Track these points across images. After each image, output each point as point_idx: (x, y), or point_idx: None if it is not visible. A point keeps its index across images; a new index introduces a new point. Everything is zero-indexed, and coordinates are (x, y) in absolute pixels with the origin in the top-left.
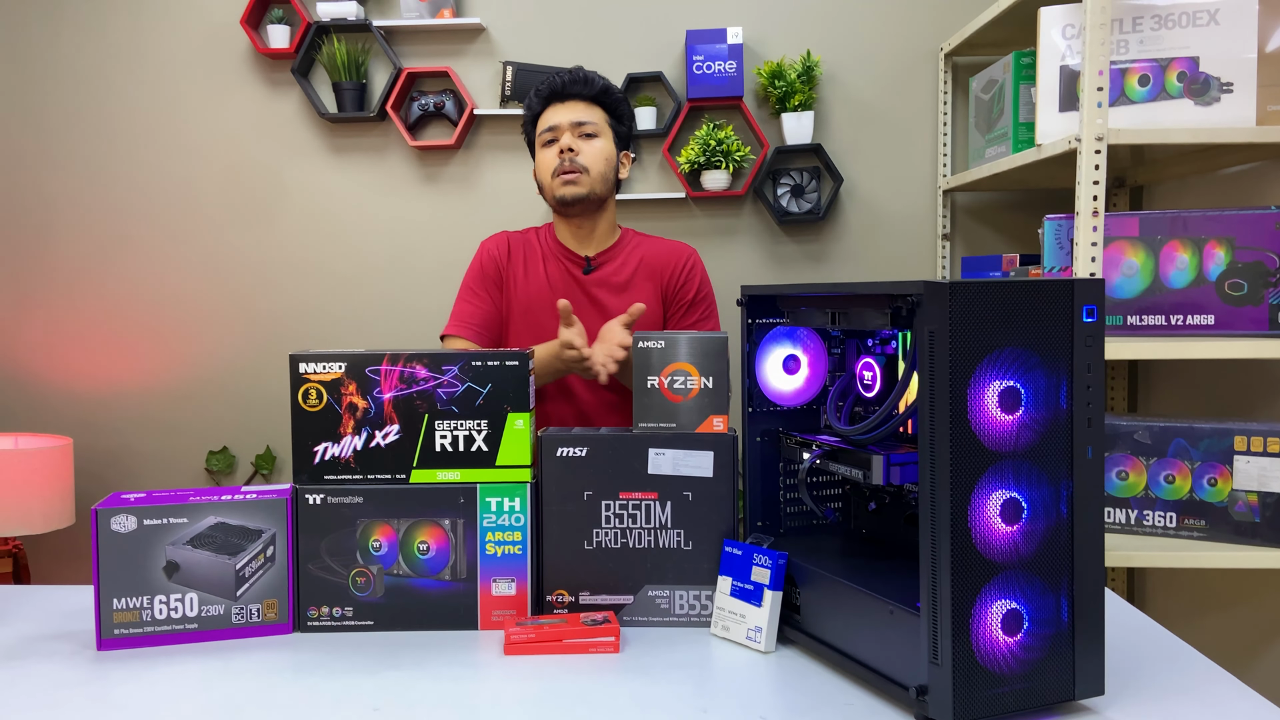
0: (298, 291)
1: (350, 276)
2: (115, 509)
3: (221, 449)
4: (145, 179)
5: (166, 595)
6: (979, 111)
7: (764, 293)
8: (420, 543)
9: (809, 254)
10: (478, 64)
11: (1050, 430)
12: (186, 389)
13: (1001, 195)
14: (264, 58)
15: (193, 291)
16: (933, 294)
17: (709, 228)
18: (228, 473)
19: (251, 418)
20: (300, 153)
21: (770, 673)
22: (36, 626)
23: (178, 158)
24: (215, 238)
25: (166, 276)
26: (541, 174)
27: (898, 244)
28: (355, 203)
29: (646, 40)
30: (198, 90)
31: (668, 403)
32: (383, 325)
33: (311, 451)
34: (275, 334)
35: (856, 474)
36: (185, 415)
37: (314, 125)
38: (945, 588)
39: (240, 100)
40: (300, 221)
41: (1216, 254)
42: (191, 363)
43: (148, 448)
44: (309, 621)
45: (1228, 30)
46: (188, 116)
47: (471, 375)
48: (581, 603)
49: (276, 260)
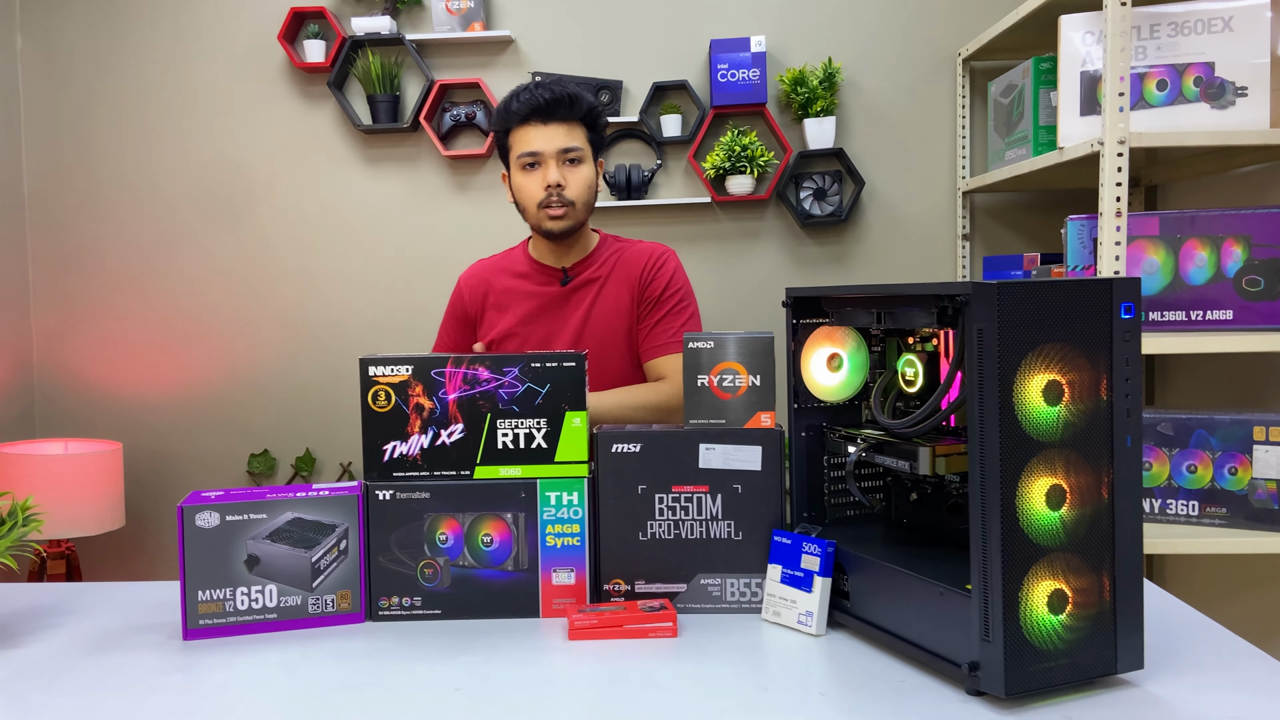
0: (334, 299)
1: (385, 284)
2: (199, 506)
3: (262, 452)
4: (187, 191)
5: (248, 587)
6: (998, 115)
7: (808, 294)
8: (484, 535)
9: (832, 255)
10: (507, 75)
11: (1091, 420)
12: (228, 394)
13: (1020, 196)
14: (300, 72)
15: (234, 299)
16: (981, 294)
17: (734, 231)
18: (268, 475)
19: (291, 421)
20: (336, 164)
21: (823, 654)
22: (124, 619)
23: (218, 170)
24: (255, 247)
25: (208, 285)
26: (523, 199)
27: (918, 245)
28: (389, 212)
29: (671, 49)
30: (237, 104)
31: (717, 400)
32: (417, 330)
33: (381, 450)
34: (313, 341)
35: (903, 465)
36: (228, 419)
37: (349, 137)
38: (996, 569)
39: (278, 113)
40: (336, 231)
41: (1234, 251)
42: (232, 369)
43: (191, 451)
44: (380, 611)
45: (1242, 36)
46: (227, 130)
47: (531, 376)
48: (637, 591)
49: (314, 269)
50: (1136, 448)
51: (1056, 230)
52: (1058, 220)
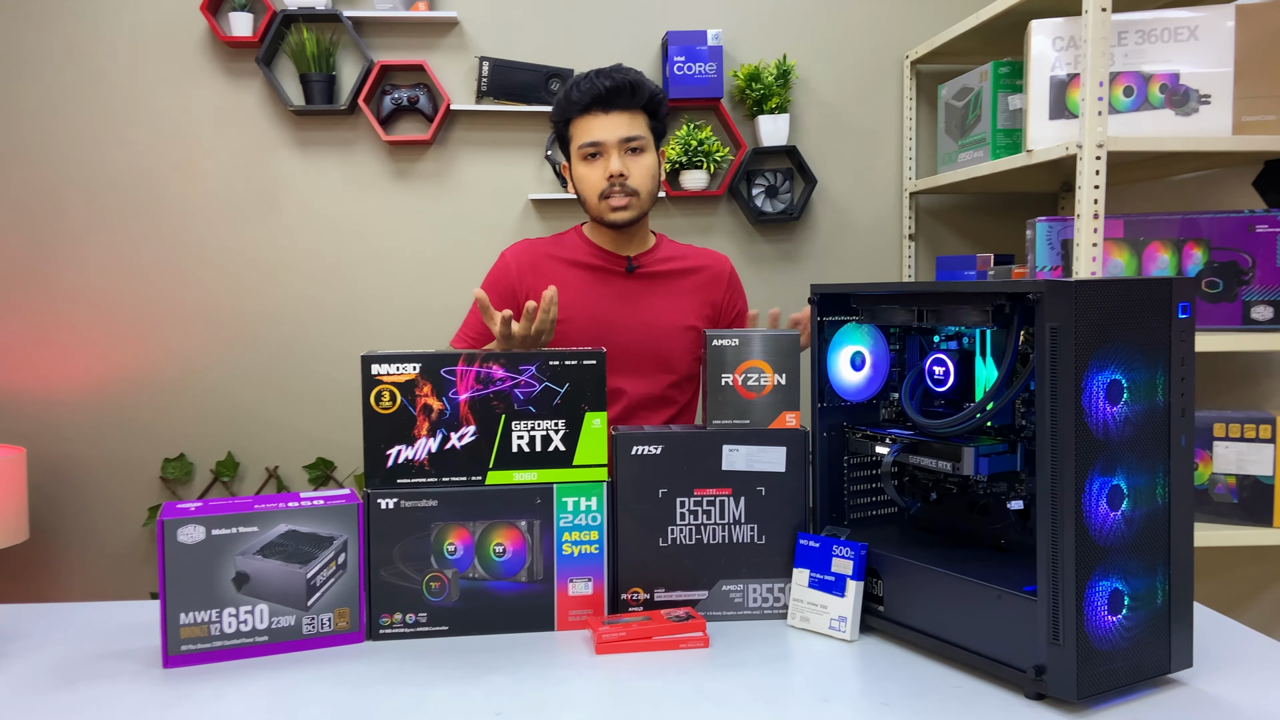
0: (259, 291)
1: (318, 275)
2: (182, 519)
3: (179, 456)
4: (94, 173)
5: (236, 607)
6: (950, 118)
7: (836, 291)
8: (496, 545)
9: (782, 253)
10: (452, 58)
11: (1148, 420)
12: (141, 394)
13: (963, 198)
14: (225, 46)
15: (148, 292)
16: (1057, 291)
17: (687, 226)
18: (185, 481)
19: (210, 423)
20: (264, 146)
21: (864, 661)
22: (100, 644)
23: (130, 150)
24: (170, 235)
25: (120, 277)
26: (584, 190)
27: (865, 244)
28: (324, 198)
29: (625, 39)
30: (153, 79)
31: (742, 400)
32: (354, 325)
33: (385, 455)
34: (236, 336)
35: (944, 466)
36: (140, 422)
37: (279, 117)
38: (1069, 571)
39: (199, 90)
40: (264, 218)
41: (1194, 254)
42: (146, 367)
43: (101, 456)
44: (381, 629)
45: (1206, 45)
46: (142, 107)
47: (549, 375)
48: (657, 600)
49: (237, 259)
50: (1190, 447)
51: (999, 232)
52: (1001, 222)
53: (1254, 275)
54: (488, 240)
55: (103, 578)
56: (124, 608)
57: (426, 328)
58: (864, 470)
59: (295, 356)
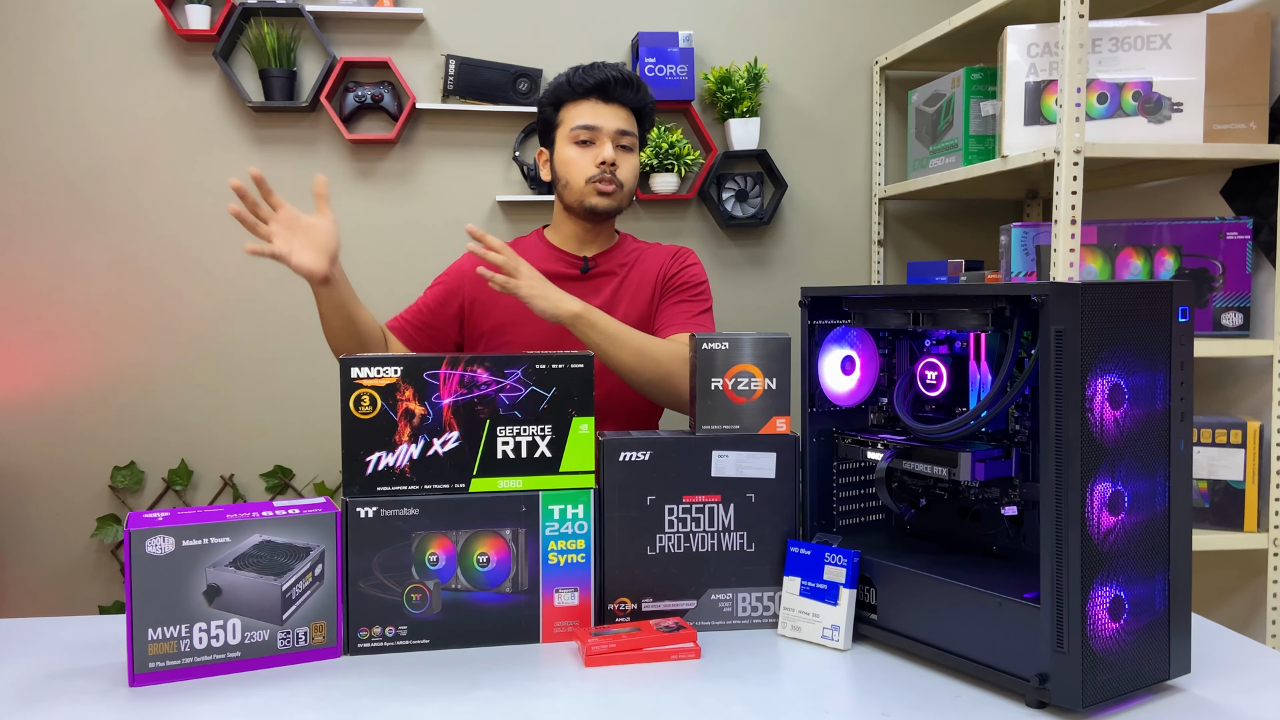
0: (214, 293)
1: (275, 277)
2: (150, 530)
3: (129, 464)
4: (39, 168)
5: (207, 622)
6: (921, 123)
7: (827, 294)
8: (480, 555)
9: (751, 258)
10: (416, 56)
11: (1148, 425)
12: (88, 400)
13: (930, 205)
14: (180, 39)
15: (96, 294)
16: (1063, 294)
17: (656, 230)
18: (135, 490)
19: (162, 430)
20: (220, 143)
21: (859, 670)
22: (59, 662)
23: (78, 146)
24: (120, 234)
25: (66, 278)
26: (569, 173)
27: (834, 250)
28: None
29: (595, 40)
30: (103, 71)
31: (731, 404)
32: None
33: (364, 462)
34: (189, 339)
35: (940, 471)
36: (87, 429)
37: (236, 114)
38: (1075, 578)
39: (152, 84)
40: (219, 216)
41: (1166, 260)
42: (93, 370)
43: (45, 465)
44: (359, 643)
45: (1179, 54)
46: (91, 100)
47: (535, 379)
48: (644, 610)
49: (190, 260)
50: (1188, 452)
51: (965, 239)
52: (967, 229)
53: (1224, 281)
54: (453, 243)
55: (49, 590)
56: (82, 622)
57: None
58: (853, 476)
59: (251, 360)
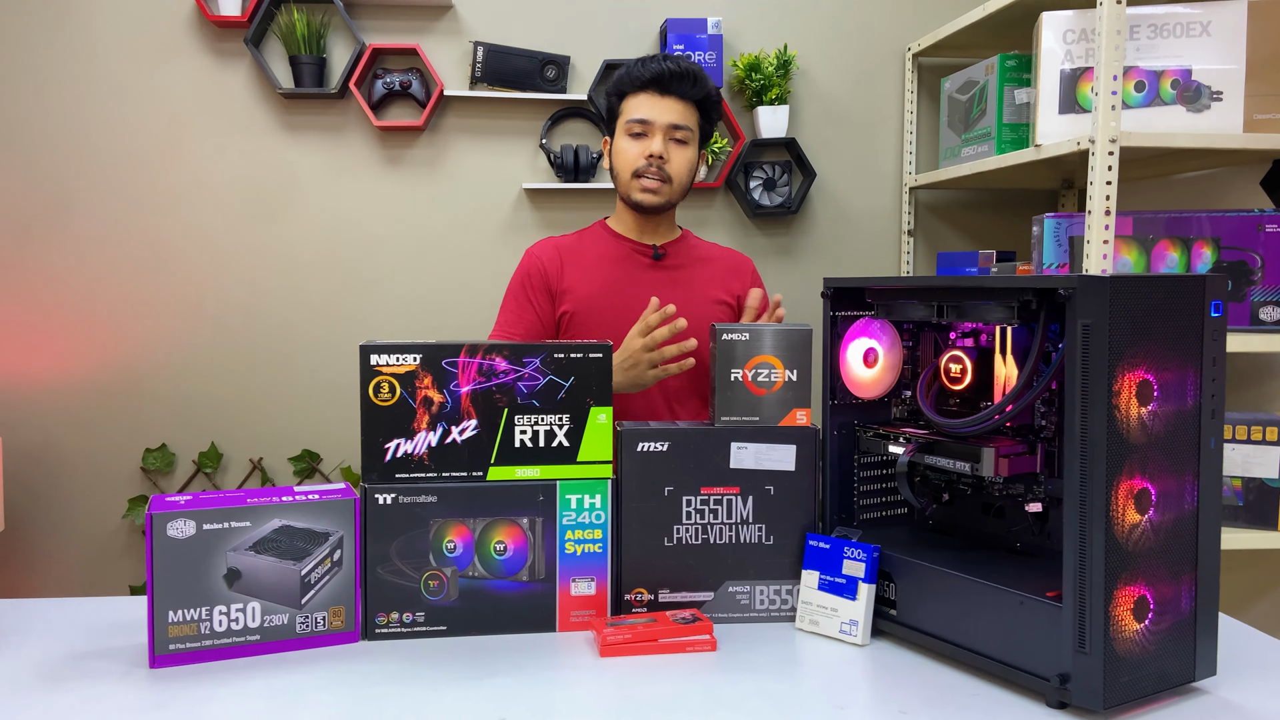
0: (246, 279)
1: (306, 262)
2: (171, 513)
3: (160, 446)
4: (76, 156)
5: (227, 605)
6: (953, 111)
7: (850, 285)
8: (497, 543)
9: (778, 247)
10: (445, 43)
11: (1178, 421)
12: (122, 382)
13: (961, 194)
14: (212, 25)
15: (129, 278)
16: (1091, 288)
17: (682, 219)
18: (166, 472)
19: (193, 413)
20: (251, 130)
21: (877, 666)
22: (82, 642)
23: (112, 133)
24: (153, 220)
25: (100, 262)
26: (620, 164)
27: (864, 240)
28: (312, 184)
29: (624, 26)
30: (136, 59)
31: (751, 396)
32: (342, 315)
33: (382, 449)
34: (220, 324)
35: (963, 467)
36: (121, 411)
37: (267, 100)
38: (1098, 577)
39: (184, 71)
40: (248, 203)
41: (1204, 253)
42: (128, 354)
43: (80, 445)
44: (377, 629)
45: (1218, 41)
46: (124, 88)
47: (554, 368)
48: (661, 601)
49: (222, 245)
50: (1219, 450)
51: (997, 229)
52: (999, 219)
53: (1262, 275)
54: (480, 230)
55: (81, 570)
56: (106, 604)
57: (416, 318)
58: (874, 470)
59: (281, 346)
